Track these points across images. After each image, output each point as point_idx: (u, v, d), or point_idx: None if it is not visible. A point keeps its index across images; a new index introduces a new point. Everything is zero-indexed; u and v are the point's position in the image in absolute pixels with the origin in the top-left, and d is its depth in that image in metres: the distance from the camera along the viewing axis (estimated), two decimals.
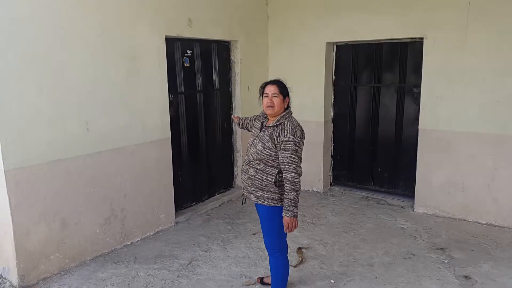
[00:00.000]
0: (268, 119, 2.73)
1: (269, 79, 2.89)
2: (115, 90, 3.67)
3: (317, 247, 3.89)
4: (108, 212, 3.75)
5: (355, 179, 5.54)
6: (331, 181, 5.71)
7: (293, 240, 3.99)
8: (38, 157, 3.16)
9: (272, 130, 2.60)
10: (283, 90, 2.68)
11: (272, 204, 2.64)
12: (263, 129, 2.69)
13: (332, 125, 5.55)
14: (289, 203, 2.50)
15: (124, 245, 3.92)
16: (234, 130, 5.30)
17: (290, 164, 2.49)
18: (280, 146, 2.53)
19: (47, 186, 3.24)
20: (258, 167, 2.64)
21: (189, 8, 4.30)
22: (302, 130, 2.66)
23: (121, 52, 3.68)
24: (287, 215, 2.51)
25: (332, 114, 5.52)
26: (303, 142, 2.61)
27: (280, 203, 2.63)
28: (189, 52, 4.52)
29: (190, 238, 4.11)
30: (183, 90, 4.52)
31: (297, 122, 2.68)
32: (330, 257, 3.69)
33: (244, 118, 3.26)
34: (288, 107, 2.72)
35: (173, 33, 4.15)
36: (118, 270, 3.46)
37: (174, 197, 4.41)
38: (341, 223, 4.46)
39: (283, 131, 2.56)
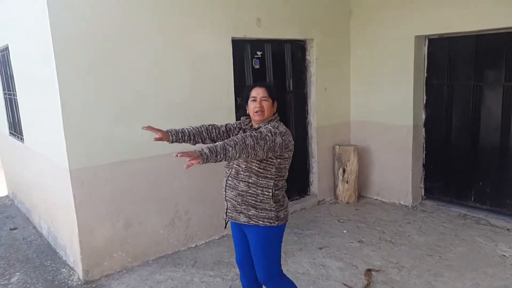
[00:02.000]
0: (251, 124, 2.43)
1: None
2: (180, 93, 3.69)
3: (390, 271, 3.39)
4: (172, 213, 3.79)
5: (451, 193, 4.77)
6: (423, 194, 5.01)
7: (363, 259, 3.56)
8: (103, 158, 3.31)
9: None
10: (272, 94, 2.38)
11: (268, 224, 2.28)
12: None
13: (423, 129, 4.87)
14: (215, 147, 1.94)
15: (188, 247, 3.93)
16: (309, 134, 4.99)
17: (260, 134, 2.12)
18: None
19: (111, 187, 3.38)
20: (250, 180, 2.26)
21: (258, 8, 4.14)
22: (288, 135, 2.28)
23: (186, 55, 3.69)
24: (201, 152, 1.89)
25: (423, 117, 4.84)
26: (284, 141, 2.20)
27: (277, 222, 2.29)
28: (259, 53, 4.37)
29: None
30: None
31: (285, 128, 2.33)
32: (403, 284, 3.17)
33: (186, 130, 2.50)
34: (275, 112, 2.41)
35: (240, 35, 4.04)
36: (175, 273, 3.46)
37: None
38: (426, 244, 3.84)
39: (264, 126, 2.28)
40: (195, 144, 2.54)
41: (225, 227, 2.62)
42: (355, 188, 5.07)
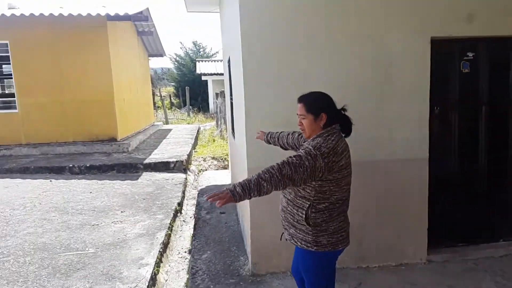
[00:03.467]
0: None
1: None
2: (363, 98, 3.45)
3: None
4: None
5: None
6: None
7: None
8: (274, 158, 3.44)
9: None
10: (312, 108, 2.15)
11: (305, 246, 2.13)
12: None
13: None
14: (245, 181, 1.88)
15: (357, 266, 3.65)
16: None
17: (292, 159, 1.94)
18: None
19: None
20: (289, 197, 2.16)
21: (470, 1, 3.42)
22: (334, 150, 2.03)
23: (375, 58, 3.41)
24: (230, 188, 1.87)
25: None
26: (325, 163, 1.97)
27: (315, 248, 2.09)
28: (470, 54, 3.61)
29: (434, 285, 3.30)
30: (457, 102, 3.66)
31: (336, 143, 2.07)
32: None
33: (278, 134, 2.77)
34: (329, 123, 2.15)
35: (443, 34, 3.44)
36: None
37: (429, 230, 3.67)
38: None
39: (307, 142, 2.11)
40: (282, 147, 2.75)
41: (281, 239, 2.50)
42: None
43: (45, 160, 8.61)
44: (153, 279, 3.64)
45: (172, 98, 29.38)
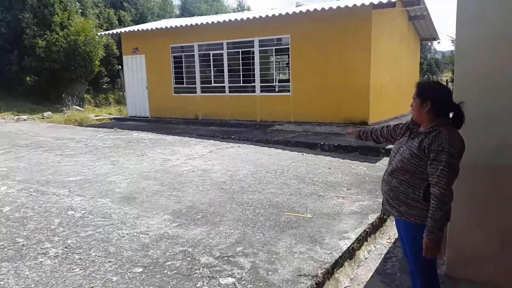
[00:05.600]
0: (419, 125, 2.44)
1: None
2: None
3: None
4: None
5: None
6: None
7: None
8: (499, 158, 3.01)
9: (423, 137, 2.31)
10: (421, 93, 2.34)
11: (419, 221, 2.33)
12: (412, 136, 2.42)
13: None
14: (433, 224, 2.17)
15: None
16: None
17: (440, 179, 2.15)
18: (431, 156, 2.21)
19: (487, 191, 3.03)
20: (403, 178, 2.38)
21: None
22: (462, 142, 2.24)
23: None
24: (429, 237, 2.19)
25: None
26: (461, 157, 2.22)
27: None
28: None
29: None
30: None
31: (457, 132, 2.26)
32: None
33: (370, 129, 2.99)
34: (435, 113, 2.29)
35: None
36: None
37: None
38: None
39: (436, 139, 2.22)
40: (376, 140, 2.94)
41: (381, 217, 2.96)
42: None
43: (304, 137, 10.06)
44: (350, 253, 3.93)
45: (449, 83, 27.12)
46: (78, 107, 18.61)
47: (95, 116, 17.35)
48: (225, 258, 3.61)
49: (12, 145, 9.22)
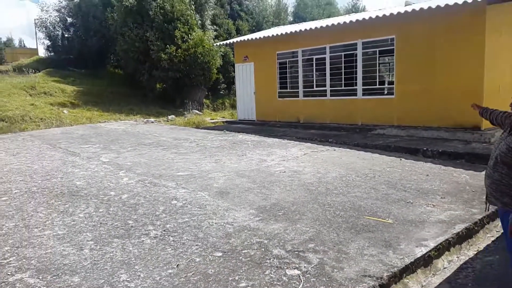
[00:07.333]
0: None
1: None
2: None
3: None
4: None
5: None
6: None
7: None
8: None
9: None
10: None
11: None
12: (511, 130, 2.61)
13: None
14: None
15: None
16: None
17: None
18: None
19: None
20: (503, 171, 2.55)
21: None
22: None
23: None
24: None
25: None
26: None
27: None
28: None
29: None
30: None
31: None
32: None
33: (491, 110, 3.24)
34: None
35: None
36: None
37: None
38: None
39: None
40: (492, 122, 3.24)
41: (486, 209, 2.98)
42: None
43: (406, 142, 9.64)
44: (425, 260, 3.85)
45: None
46: (197, 111, 20.62)
47: (211, 119, 19.02)
48: (296, 252, 3.87)
49: (138, 144, 10.79)
